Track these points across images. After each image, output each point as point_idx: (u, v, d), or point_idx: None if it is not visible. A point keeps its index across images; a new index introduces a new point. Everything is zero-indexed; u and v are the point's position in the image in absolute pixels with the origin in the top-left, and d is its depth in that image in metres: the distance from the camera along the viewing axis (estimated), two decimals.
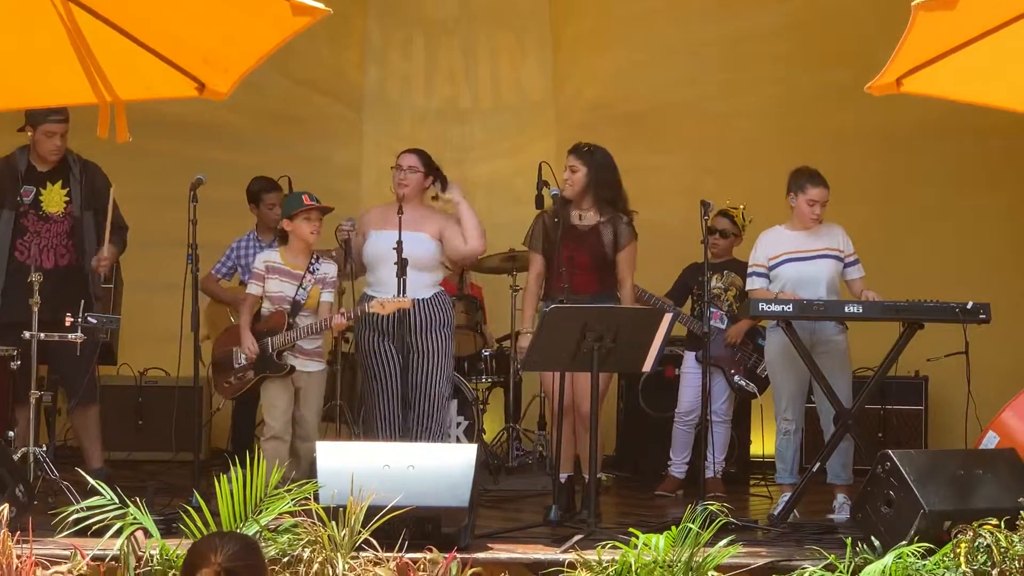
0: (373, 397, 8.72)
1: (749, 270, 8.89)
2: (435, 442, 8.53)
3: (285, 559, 6.53)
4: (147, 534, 6.64)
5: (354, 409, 10.19)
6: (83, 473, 7.41)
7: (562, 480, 8.71)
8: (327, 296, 8.62)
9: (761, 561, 6.96)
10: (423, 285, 8.71)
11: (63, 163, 8.75)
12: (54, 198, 8.73)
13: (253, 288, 8.66)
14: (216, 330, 9.55)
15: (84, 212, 8.76)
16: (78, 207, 8.74)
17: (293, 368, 8.48)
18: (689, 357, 9.76)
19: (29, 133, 8.68)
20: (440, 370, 8.80)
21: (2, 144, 9.02)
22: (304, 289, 8.53)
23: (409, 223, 8.58)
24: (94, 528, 6.64)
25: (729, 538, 6.81)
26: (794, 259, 8.74)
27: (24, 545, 6.58)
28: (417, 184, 8.81)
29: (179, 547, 6.51)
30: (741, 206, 9.81)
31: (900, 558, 6.67)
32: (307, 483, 6.90)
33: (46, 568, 6.57)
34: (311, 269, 8.55)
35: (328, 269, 8.63)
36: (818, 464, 8.52)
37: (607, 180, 8.68)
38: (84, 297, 8.53)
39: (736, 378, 9.68)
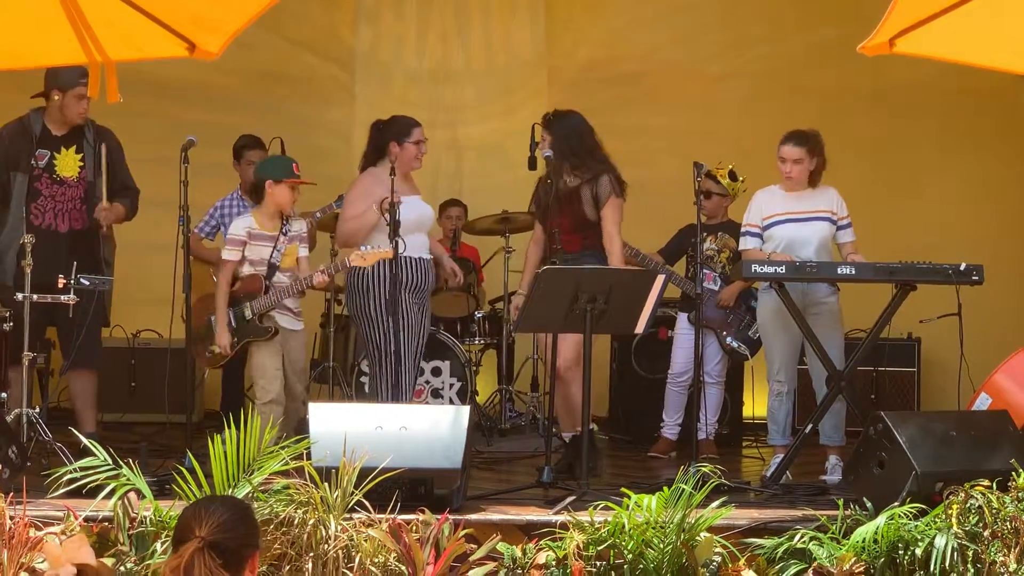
0: (385, 360, 8.69)
1: (743, 230, 8.88)
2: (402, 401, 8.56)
3: (278, 520, 6.53)
4: (140, 495, 6.64)
5: (347, 371, 10.20)
6: (76, 432, 7.41)
7: (566, 439, 8.74)
8: (303, 251, 8.64)
9: (753, 522, 6.98)
10: (424, 246, 8.79)
11: (77, 128, 8.74)
12: (68, 163, 8.72)
13: (230, 254, 8.62)
14: (200, 289, 9.55)
15: (97, 178, 8.76)
16: (91, 172, 8.74)
17: (276, 331, 8.48)
18: (682, 319, 9.76)
19: (56, 97, 8.63)
20: (425, 332, 8.90)
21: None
22: (279, 251, 8.54)
23: (405, 188, 8.62)
24: (88, 488, 6.65)
25: (721, 499, 6.82)
26: (788, 220, 8.72)
27: (17, 506, 6.58)
28: None
29: (172, 508, 6.51)
30: (730, 166, 9.78)
31: (892, 519, 6.69)
32: (300, 439, 6.90)
33: (39, 529, 6.57)
34: (284, 231, 8.57)
35: (299, 226, 8.67)
36: (810, 426, 8.53)
37: (573, 146, 8.69)
38: (94, 261, 8.56)
39: (728, 340, 9.69)
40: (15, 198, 8.65)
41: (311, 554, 6.47)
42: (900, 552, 6.65)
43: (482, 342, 10.75)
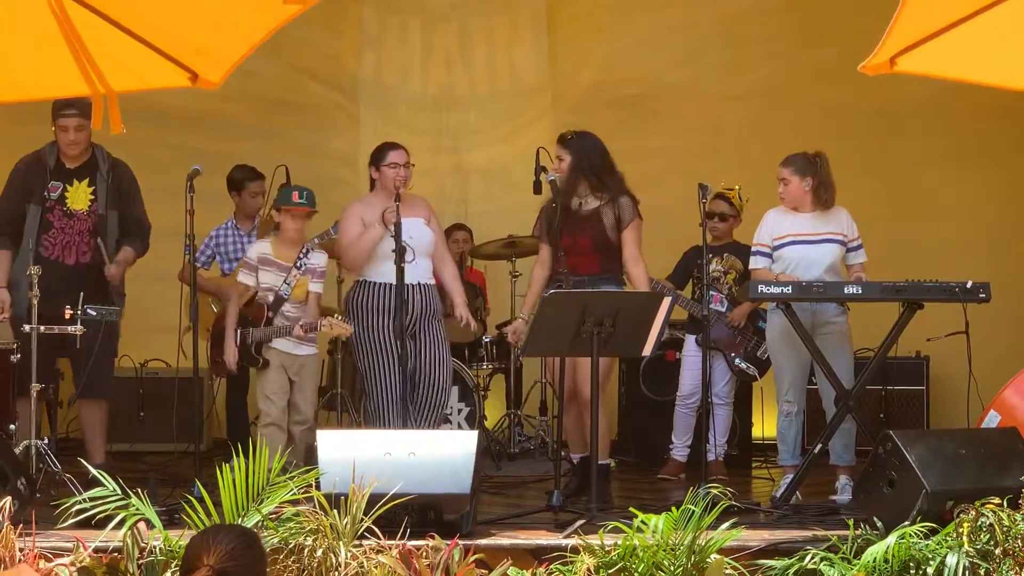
0: (378, 386, 8.65)
1: (753, 249, 8.88)
2: (433, 429, 8.52)
3: (288, 548, 6.53)
4: (149, 525, 6.64)
5: (355, 397, 10.20)
6: (84, 463, 7.41)
7: (575, 460, 8.71)
8: (315, 287, 8.66)
9: (764, 543, 6.97)
10: (427, 271, 8.76)
11: (91, 161, 8.77)
12: (80, 195, 8.75)
13: (244, 277, 8.69)
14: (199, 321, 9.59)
15: (109, 211, 8.78)
16: (103, 206, 8.76)
17: (268, 362, 8.52)
18: (690, 340, 9.75)
19: (52, 128, 8.71)
20: (444, 357, 8.82)
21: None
22: (288, 284, 8.56)
23: (404, 211, 8.59)
24: (97, 519, 6.65)
25: (732, 521, 6.82)
26: (799, 242, 8.72)
27: (27, 538, 6.59)
28: None
29: (181, 538, 6.51)
30: (737, 187, 9.79)
31: (903, 538, 6.68)
32: (309, 470, 6.91)
33: (49, 560, 6.58)
34: (298, 264, 8.58)
35: (317, 259, 8.67)
36: (820, 445, 8.52)
37: (592, 166, 8.65)
38: (103, 294, 8.57)
39: (736, 361, 9.68)
40: (27, 229, 8.68)
41: None
42: (911, 571, 6.64)
43: (490, 367, 10.73)
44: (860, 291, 8.39)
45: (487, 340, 10.64)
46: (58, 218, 8.73)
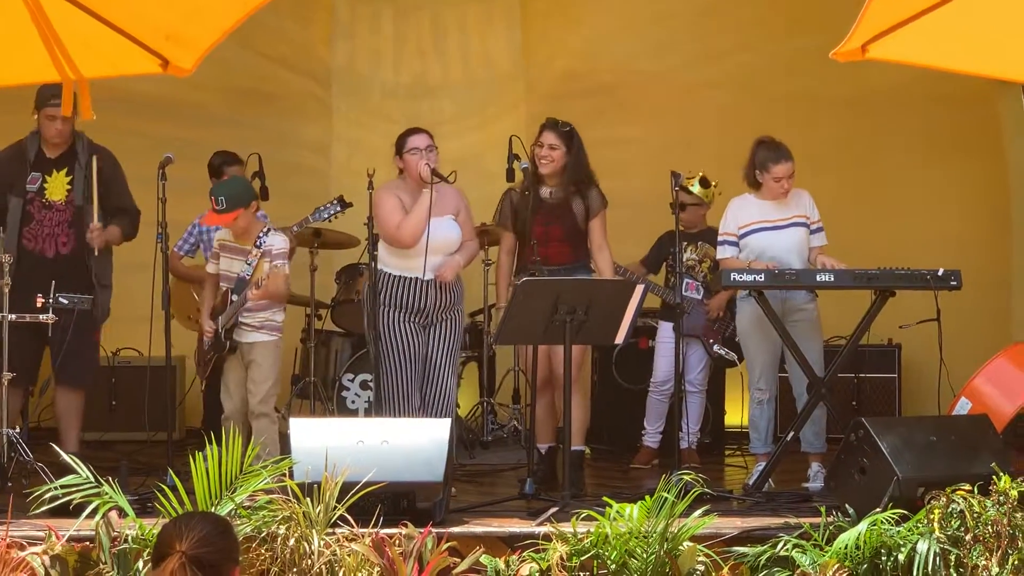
0: (394, 375, 8.58)
1: (719, 239, 8.90)
2: (443, 417, 8.43)
3: (260, 536, 6.53)
4: (122, 513, 6.63)
5: (327, 385, 10.18)
6: (56, 448, 7.38)
7: (542, 451, 8.70)
8: (267, 266, 8.59)
9: (736, 531, 6.99)
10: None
11: (71, 150, 8.72)
12: (57, 186, 8.70)
13: (210, 267, 8.68)
14: (179, 308, 9.53)
15: (86, 203, 8.72)
16: (80, 196, 8.70)
17: (236, 346, 8.46)
18: (665, 327, 9.74)
19: (35, 117, 8.65)
20: (458, 347, 8.75)
21: None
22: (249, 265, 8.52)
23: (434, 208, 8.41)
24: (73, 505, 6.64)
25: (704, 508, 6.84)
26: (764, 228, 8.74)
27: None
28: None
29: (155, 526, 6.50)
30: (699, 173, 9.76)
31: (874, 525, 6.71)
32: (282, 459, 6.91)
33: (22, 549, 6.56)
34: (257, 244, 8.54)
35: (274, 240, 8.57)
36: (792, 433, 8.54)
37: (582, 163, 8.64)
38: (86, 285, 8.52)
39: (715, 347, 9.68)
40: (9, 221, 8.63)
41: (294, 570, 6.47)
42: (883, 558, 6.67)
43: (463, 355, 10.71)
44: (833, 279, 8.41)
45: None
46: (37, 209, 8.68)
